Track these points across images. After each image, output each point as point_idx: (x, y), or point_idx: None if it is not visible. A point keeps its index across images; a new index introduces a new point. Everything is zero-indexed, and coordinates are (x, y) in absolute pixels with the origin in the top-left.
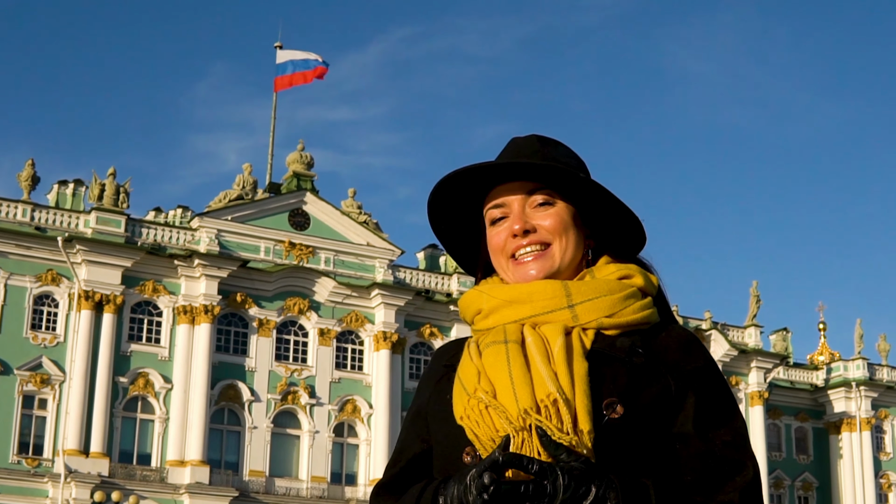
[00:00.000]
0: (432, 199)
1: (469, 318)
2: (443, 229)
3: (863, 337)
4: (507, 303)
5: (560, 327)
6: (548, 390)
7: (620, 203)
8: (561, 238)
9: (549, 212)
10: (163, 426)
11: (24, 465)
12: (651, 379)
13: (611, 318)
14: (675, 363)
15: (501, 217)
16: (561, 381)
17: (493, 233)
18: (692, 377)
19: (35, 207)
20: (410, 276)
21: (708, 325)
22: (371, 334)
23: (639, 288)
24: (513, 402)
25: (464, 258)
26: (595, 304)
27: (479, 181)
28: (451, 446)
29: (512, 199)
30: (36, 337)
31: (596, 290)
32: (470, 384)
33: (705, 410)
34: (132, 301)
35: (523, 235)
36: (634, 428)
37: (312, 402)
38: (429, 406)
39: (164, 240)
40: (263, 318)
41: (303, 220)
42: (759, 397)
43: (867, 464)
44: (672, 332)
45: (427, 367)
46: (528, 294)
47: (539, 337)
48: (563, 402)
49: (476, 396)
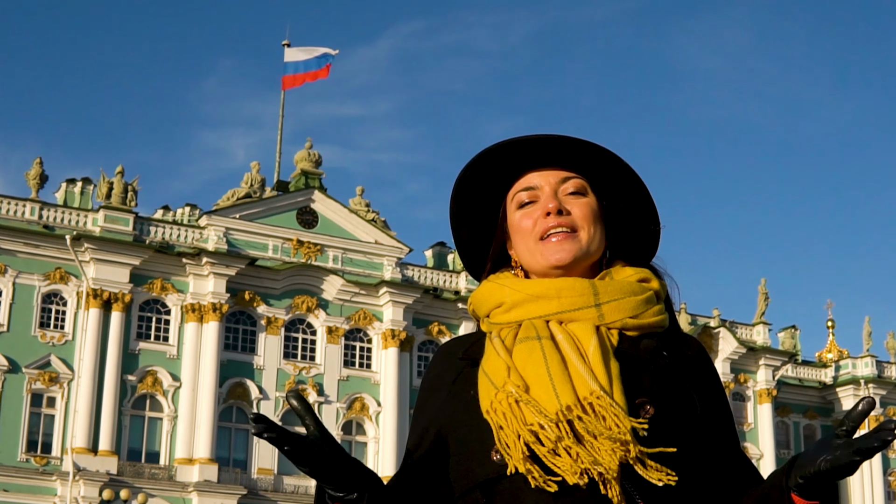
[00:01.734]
0: (463, 175)
1: (486, 311)
2: (459, 214)
3: (871, 334)
4: (533, 297)
5: (591, 326)
6: (591, 388)
7: (647, 204)
8: (590, 227)
9: (581, 201)
10: (171, 424)
11: (32, 463)
12: (675, 381)
13: (635, 318)
14: (694, 369)
15: (530, 201)
16: (600, 380)
17: (521, 214)
18: (708, 384)
19: (43, 206)
20: (419, 274)
21: (716, 322)
22: (379, 332)
23: (655, 292)
24: (552, 398)
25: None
26: (620, 305)
27: (509, 165)
28: (475, 445)
29: (544, 184)
30: (44, 335)
31: (621, 290)
32: (499, 378)
33: (727, 421)
34: (140, 299)
35: (557, 215)
36: (664, 428)
37: (321, 399)
38: (447, 404)
39: (172, 238)
40: (272, 316)
41: (311, 218)
42: (768, 395)
43: (875, 461)
44: (688, 340)
45: (434, 366)
46: (556, 290)
47: (569, 335)
48: (608, 399)
49: (505, 390)
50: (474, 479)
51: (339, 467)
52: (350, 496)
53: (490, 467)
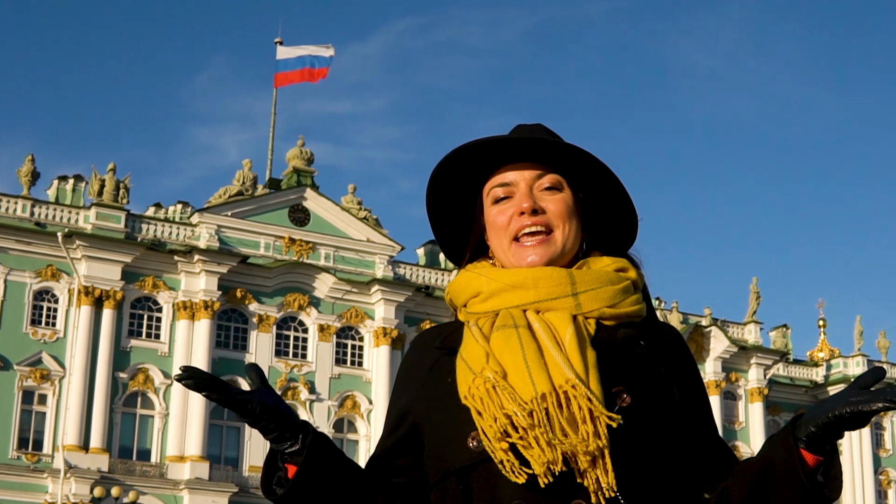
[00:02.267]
0: (435, 176)
1: (463, 300)
2: (436, 206)
3: (863, 334)
4: (510, 287)
5: (567, 315)
6: (566, 376)
7: (624, 198)
8: (565, 225)
9: (556, 196)
10: (162, 422)
11: (23, 460)
12: (652, 370)
13: (612, 308)
14: (671, 357)
15: (506, 196)
16: (576, 367)
17: (496, 211)
18: (684, 372)
19: (35, 203)
20: (410, 272)
21: (708, 321)
22: (371, 330)
23: (632, 281)
24: (527, 386)
25: (449, 240)
26: (598, 294)
27: (485, 159)
28: (452, 432)
29: (519, 180)
30: (36, 332)
31: (598, 279)
32: (477, 365)
33: (700, 405)
34: (132, 297)
35: (531, 214)
36: (641, 416)
37: (312, 397)
38: (424, 390)
39: (163, 235)
40: (263, 314)
41: (303, 215)
42: (759, 394)
43: (867, 460)
44: (664, 328)
45: (410, 354)
46: (533, 279)
47: (546, 324)
48: (583, 387)
49: (483, 376)
50: (450, 466)
51: (276, 419)
52: (293, 447)
53: (466, 454)
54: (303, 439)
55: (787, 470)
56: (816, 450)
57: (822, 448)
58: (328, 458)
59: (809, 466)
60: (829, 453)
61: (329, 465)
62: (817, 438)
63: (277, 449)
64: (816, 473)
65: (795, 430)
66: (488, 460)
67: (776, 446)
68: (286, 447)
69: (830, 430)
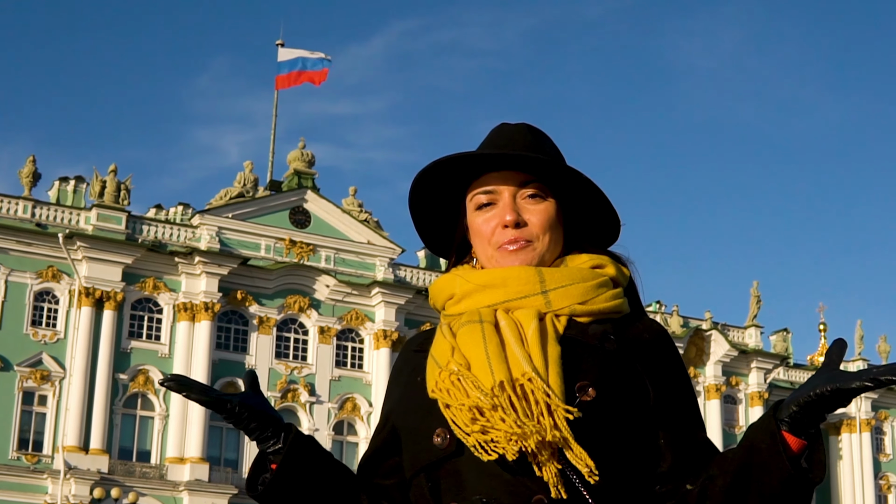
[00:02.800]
0: (417, 181)
1: (440, 303)
2: (420, 209)
3: (863, 338)
4: (480, 287)
5: (533, 312)
6: (523, 369)
7: (605, 202)
8: (545, 235)
9: (539, 206)
10: (162, 423)
11: (23, 461)
12: (622, 366)
13: (583, 304)
14: (647, 353)
15: (489, 203)
16: (535, 362)
17: (479, 219)
18: (661, 367)
19: (36, 204)
20: (411, 275)
21: (708, 325)
22: (371, 332)
23: (610, 278)
24: (488, 376)
25: (435, 240)
26: (568, 291)
27: (468, 166)
28: (420, 430)
29: (503, 188)
30: (36, 333)
31: (569, 277)
32: (443, 359)
33: (676, 401)
34: (132, 298)
35: (514, 228)
36: (606, 411)
37: (312, 399)
38: (401, 394)
39: (164, 237)
40: (264, 316)
41: (303, 217)
42: (759, 398)
43: (867, 464)
44: (644, 322)
45: (397, 360)
46: (501, 279)
47: (512, 320)
48: (540, 380)
49: (448, 369)
50: (419, 464)
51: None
52: (276, 446)
53: (433, 451)
54: (285, 437)
55: (771, 454)
56: (800, 432)
57: (805, 431)
58: (311, 456)
59: (793, 451)
60: (813, 437)
61: (312, 462)
62: (799, 420)
63: (262, 449)
64: (800, 458)
65: (777, 413)
66: (453, 456)
67: (758, 432)
68: (269, 446)
69: (812, 409)
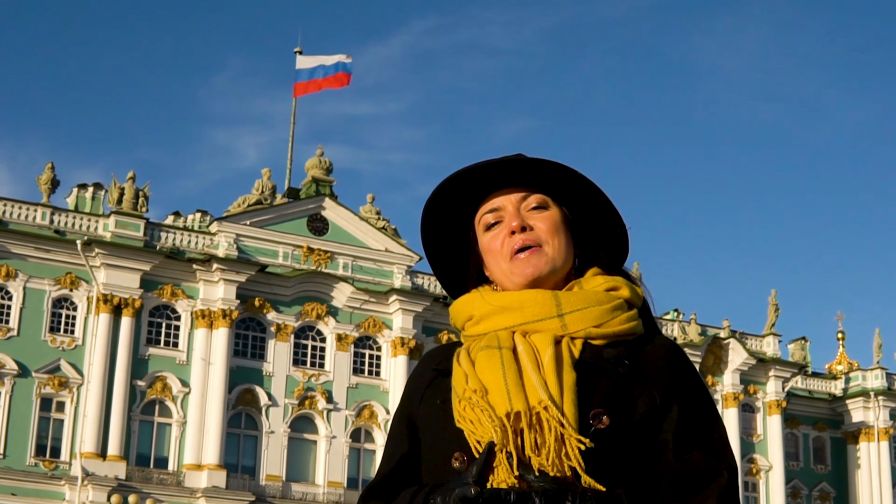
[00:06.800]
0: (426, 215)
1: (460, 323)
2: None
3: (881, 346)
4: (499, 309)
5: (550, 336)
6: (539, 397)
7: (610, 211)
8: (554, 239)
9: (543, 215)
10: (180, 430)
11: (41, 467)
12: (636, 389)
13: (599, 328)
14: (660, 373)
15: (496, 222)
16: (551, 389)
17: (489, 237)
18: (675, 387)
19: (54, 211)
20: (428, 282)
21: (726, 333)
22: (388, 340)
23: (625, 300)
24: (505, 403)
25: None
26: (584, 315)
27: (472, 191)
28: (442, 451)
29: (506, 203)
30: (54, 340)
31: (585, 300)
32: (460, 387)
33: (686, 420)
34: (150, 305)
35: (521, 232)
36: (620, 438)
37: (329, 407)
38: (419, 410)
39: (182, 244)
40: (281, 323)
41: (321, 225)
42: (778, 406)
43: (885, 473)
44: (657, 342)
45: (415, 371)
46: (519, 302)
47: (529, 345)
48: (555, 409)
49: (465, 398)
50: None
51: None
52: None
53: (451, 475)
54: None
55: None
56: None
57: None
58: None
59: None
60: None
61: None
62: None
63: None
64: None
65: None
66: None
67: None
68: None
69: None
